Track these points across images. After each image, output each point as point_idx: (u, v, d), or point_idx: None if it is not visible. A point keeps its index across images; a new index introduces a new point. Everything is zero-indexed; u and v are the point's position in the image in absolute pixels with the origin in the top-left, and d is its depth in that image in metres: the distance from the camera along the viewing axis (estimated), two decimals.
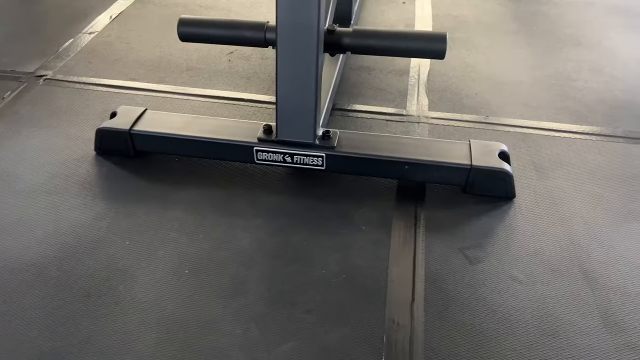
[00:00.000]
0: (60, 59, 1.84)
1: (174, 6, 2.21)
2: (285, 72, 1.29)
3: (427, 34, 1.35)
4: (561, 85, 1.75)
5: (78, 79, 1.74)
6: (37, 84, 1.70)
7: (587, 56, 1.91)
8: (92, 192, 1.31)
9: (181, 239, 1.19)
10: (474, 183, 1.28)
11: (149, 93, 1.68)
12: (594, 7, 2.24)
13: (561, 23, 2.12)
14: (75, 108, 1.60)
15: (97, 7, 2.18)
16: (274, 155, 1.33)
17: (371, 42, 1.33)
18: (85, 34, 1.99)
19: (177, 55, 1.87)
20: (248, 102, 1.65)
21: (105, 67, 1.80)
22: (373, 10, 2.18)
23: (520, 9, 2.23)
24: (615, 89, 1.73)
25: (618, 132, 1.53)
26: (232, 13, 2.17)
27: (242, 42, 1.38)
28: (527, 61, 1.88)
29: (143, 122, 1.40)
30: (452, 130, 1.54)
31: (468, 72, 1.81)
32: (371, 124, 1.57)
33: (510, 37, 2.03)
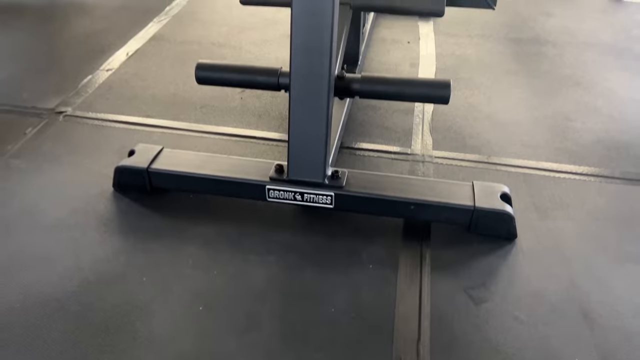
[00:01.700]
0: (79, 95, 1.92)
1: (188, 44, 2.30)
2: (297, 116, 1.36)
3: (432, 81, 1.42)
4: (560, 126, 1.81)
5: (96, 115, 1.81)
6: (57, 120, 1.78)
7: (585, 97, 1.98)
8: (110, 227, 1.37)
9: (196, 275, 1.24)
10: (477, 223, 1.33)
11: (165, 130, 1.75)
12: (592, 48, 2.32)
13: (560, 64, 2.20)
14: (95, 144, 1.67)
15: (114, 44, 2.27)
16: (285, 194, 1.39)
17: (378, 88, 1.40)
18: (103, 70, 2.08)
19: (191, 92, 1.95)
20: (260, 140, 1.72)
21: (122, 103, 1.88)
22: (379, 50, 2.27)
23: (521, 49, 2.31)
24: (613, 129, 1.80)
25: (616, 173, 1.59)
26: (243, 51, 2.26)
27: (256, 86, 1.45)
28: (527, 101, 1.95)
29: (160, 161, 1.46)
30: (456, 170, 1.60)
31: (471, 111, 1.88)
32: (378, 162, 1.64)
33: (511, 77, 2.10)
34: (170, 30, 2.41)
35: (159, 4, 2.67)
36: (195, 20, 2.51)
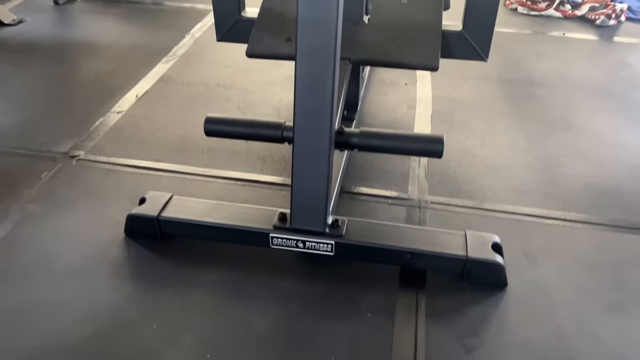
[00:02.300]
0: (91, 138, 2.01)
1: (195, 85, 2.40)
2: (299, 168, 1.44)
3: (427, 136, 1.52)
4: (550, 170, 1.90)
5: (108, 159, 1.90)
6: (70, 164, 1.87)
7: (575, 141, 2.07)
8: (122, 274, 1.45)
9: (204, 323, 1.32)
10: (469, 273, 1.41)
11: (173, 174, 1.84)
12: (582, 90, 2.42)
13: (551, 106, 2.30)
14: (106, 189, 1.76)
15: (123, 85, 2.37)
16: (288, 242, 1.47)
17: (375, 142, 1.49)
18: (114, 112, 2.17)
19: (198, 135, 2.03)
20: (264, 184, 1.80)
21: (132, 147, 1.97)
22: (378, 92, 2.36)
23: (513, 91, 2.41)
24: (601, 175, 1.88)
25: (604, 220, 1.67)
26: (248, 92, 2.35)
27: (261, 139, 1.55)
28: (519, 145, 2.04)
29: (169, 209, 1.54)
30: (450, 216, 1.68)
31: (465, 155, 1.97)
32: (376, 207, 1.72)
33: (504, 120, 2.20)
34: (178, 71, 2.51)
35: (167, 43, 2.78)
36: (201, 60, 2.61)
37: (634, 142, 2.07)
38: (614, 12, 3.03)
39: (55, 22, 3.06)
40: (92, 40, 2.82)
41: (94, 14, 3.17)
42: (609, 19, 3.03)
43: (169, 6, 3.29)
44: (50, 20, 3.05)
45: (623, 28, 3.08)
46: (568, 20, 3.16)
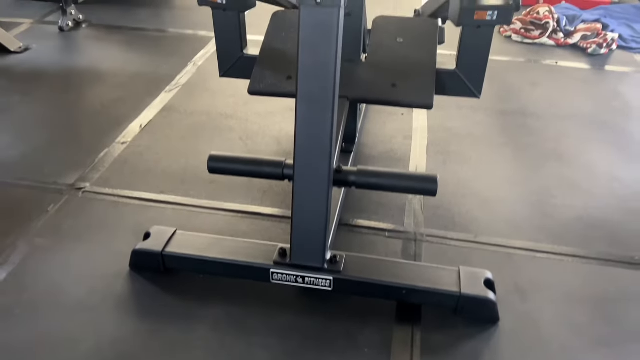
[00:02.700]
0: (96, 169, 2.07)
1: (197, 115, 2.47)
2: (299, 205, 1.50)
3: (421, 176, 1.58)
4: (542, 202, 1.96)
5: (113, 191, 1.96)
6: (77, 196, 1.92)
7: (567, 172, 2.13)
8: (127, 308, 1.50)
9: (207, 359, 1.36)
10: (463, 308, 1.46)
11: (176, 207, 1.89)
12: (574, 120, 2.49)
13: (544, 136, 2.36)
14: (112, 222, 1.81)
15: (128, 115, 2.43)
16: (288, 277, 1.52)
17: (372, 180, 1.55)
18: (119, 143, 2.23)
19: (201, 166, 2.10)
20: (265, 217, 1.86)
21: (137, 179, 2.03)
22: (375, 122, 2.43)
23: (507, 121, 2.48)
24: (591, 207, 1.94)
25: (592, 254, 1.73)
26: (249, 122, 2.42)
27: (262, 176, 1.61)
28: (512, 177, 2.10)
29: (173, 244, 1.60)
30: (445, 249, 1.73)
31: (459, 188, 2.02)
32: (373, 240, 1.77)
33: (498, 150, 2.26)
34: (181, 100, 2.58)
35: (171, 71, 2.85)
36: (203, 89, 2.68)
37: (624, 174, 2.13)
38: (605, 41, 3.11)
39: (60, 49, 3.13)
40: (96, 67, 2.89)
41: (99, 41, 3.25)
42: (601, 48, 3.11)
43: (171, 33, 3.37)
44: (55, 48, 3.13)
45: (614, 56, 3.16)
46: (561, 49, 3.24)
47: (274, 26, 2.02)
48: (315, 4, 1.27)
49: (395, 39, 1.97)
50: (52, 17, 3.51)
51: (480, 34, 1.76)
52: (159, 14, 3.65)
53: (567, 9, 3.63)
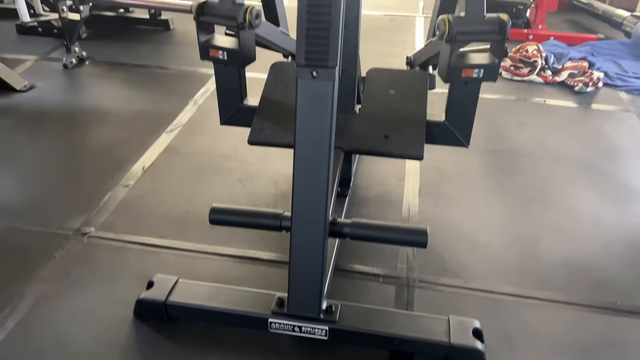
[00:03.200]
0: (101, 213, 2.15)
1: (198, 156, 2.55)
2: (296, 256, 1.58)
3: (412, 229, 1.66)
4: (529, 247, 2.04)
5: (117, 236, 2.03)
6: (82, 242, 2.00)
7: (553, 215, 2.22)
8: (132, 356, 1.56)
9: None
10: (453, 357, 1.53)
11: (178, 252, 1.97)
12: (561, 162, 2.58)
13: (531, 178, 2.45)
14: (116, 268, 1.88)
15: (131, 156, 2.52)
16: (285, 326, 1.59)
17: (365, 233, 1.64)
18: (122, 186, 2.31)
19: (201, 210, 2.18)
20: (262, 262, 1.93)
21: (140, 223, 2.10)
22: (370, 164, 2.52)
23: (496, 162, 2.57)
24: (576, 251, 2.02)
25: (577, 300, 1.80)
26: (248, 163, 2.51)
27: (261, 227, 1.69)
28: (501, 220, 2.19)
29: (175, 293, 1.67)
30: (436, 295, 1.81)
31: (450, 232, 2.11)
32: (367, 285, 1.85)
33: (487, 192, 2.35)
34: (182, 141, 2.67)
35: (172, 109, 2.95)
36: (204, 129, 2.77)
37: (607, 217, 2.22)
38: (591, 80, 3.23)
39: (65, 87, 3.23)
40: (100, 106, 2.99)
41: (102, 78, 3.35)
42: (587, 87, 3.23)
43: (173, 70, 3.47)
44: (60, 86, 3.23)
45: (601, 94, 3.27)
46: (549, 86, 3.35)
47: (272, 77, 2.12)
48: (311, 78, 1.36)
49: (388, 91, 2.07)
50: (55, 54, 3.62)
51: (468, 89, 1.86)
52: (160, 50, 3.76)
53: (555, 46, 3.76)
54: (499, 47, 1.78)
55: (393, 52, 3.79)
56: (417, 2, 5.07)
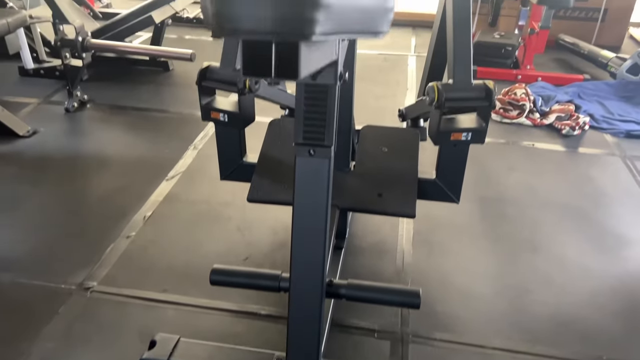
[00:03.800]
0: (103, 266, 2.20)
1: (198, 204, 2.63)
2: (294, 318, 1.64)
3: (406, 290, 1.73)
4: (519, 299, 2.11)
5: (119, 290, 2.09)
6: (85, 297, 2.05)
7: (542, 264, 2.29)
8: None
9: None
10: None
11: (178, 307, 2.02)
12: (549, 208, 2.67)
13: (520, 225, 2.54)
14: (119, 324, 1.94)
15: (132, 205, 2.59)
16: None
17: (361, 294, 1.71)
18: (124, 237, 2.38)
19: (201, 262, 2.24)
20: (261, 317, 1.99)
21: (141, 276, 2.16)
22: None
23: (486, 209, 2.66)
24: (563, 302, 2.10)
25: (564, 354, 1.87)
26: (247, 210, 2.58)
27: (260, 288, 1.75)
28: (491, 270, 2.26)
29: (177, 354, 1.72)
30: (430, 351, 1.87)
31: (442, 283, 2.18)
32: (363, 341, 1.91)
33: (477, 241, 2.43)
34: (182, 188, 2.74)
35: (172, 155, 3.03)
36: (203, 176, 2.85)
37: (594, 266, 2.30)
38: (578, 124, 3.35)
39: (66, 132, 3.31)
40: (101, 152, 3.06)
41: (103, 122, 3.43)
42: (574, 130, 3.34)
43: (172, 112, 3.57)
44: (62, 131, 3.31)
45: (587, 137, 3.39)
46: (537, 129, 3.47)
47: (270, 134, 2.21)
48: (309, 155, 1.45)
49: (381, 149, 2.16)
50: (57, 96, 3.71)
51: (457, 150, 1.96)
52: (159, 92, 3.86)
53: (543, 87, 3.89)
54: (486, 112, 1.88)
55: (387, 94, 3.90)
56: (409, 40, 5.22)
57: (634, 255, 2.36)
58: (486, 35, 4.43)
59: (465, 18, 1.88)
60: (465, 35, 1.90)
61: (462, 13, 1.88)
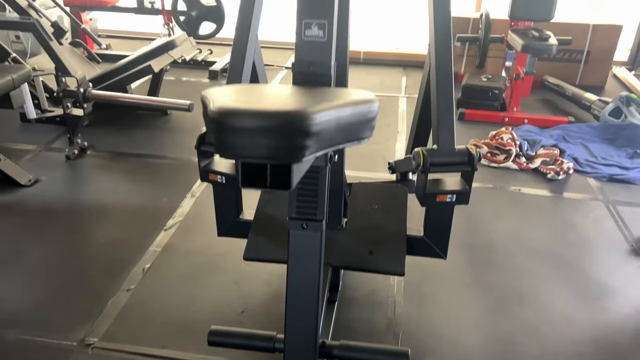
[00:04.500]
0: (104, 322, 2.27)
1: (195, 255, 2.71)
2: None
3: (396, 350, 1.82)
4: (506, 349, 2.19)
5: (120, 347, 2.15)
6: (86, 353, 2.11)
7: (528, 313, 2.38)
8: None
9: None
10: None
11: None
12: (533, 255, 2.77)
13: (506, 274, 2.63)
14: None
15: (132, 257, 2.67)
16: None
17: (353, 354, 1.79)
18: (124, 290, 2.45)
19: (198, 317, 2.31)
20: None
21: (141, 331, 2.23)
22: None
23: (474, 257, 2.75)
24: (549, 353, 2.18)
25: None
26: (243, 263, 2.63)
27: (256, 349, 1.84)
28: (479, 320, 2.35)
29: None
30: None
31: (432, 335, 2.26)
32: None
33: (466, 290, 2.52)
34: (180, 239, 2.83)
35: (170, 203, 3.13)
36: (200, 225, 2.94)
37: (577, 314, 2.39)
38: (562, 169, 3.48)
39: (67, 180, 3.40)
40: (101, 201, 3.15)
41: (103, 169, 3.53)
42: (558, 175, 3.47)
43: (170, 158, 3.67)
44: (62, 179, 3.40)
45: (572, 181, 3.51)
46: (524, 173, 3.59)
47: (266, 193, 2.31)
48: (302, 229, 1.55)
49: (371, 205, 2.27)
50: (58, 143, 3.81)
51: (443, 210, 2.07)
52: (158, 138, 3.97)
53: (529, 131, 4.04)
54: (469, 176, 2.00)
55: (378, 139, 4.03)
56: (400, 79, 5.38)
57: (614, 305, 2.46)
58: (474, 78, 4.59)
59: (448, 87, 2.01)
60: (448, 102, 2.03)
61: (445, 82, 2.00)
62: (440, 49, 1.98)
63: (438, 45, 1.98)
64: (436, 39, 1.97)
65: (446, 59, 1.98)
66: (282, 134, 0.86)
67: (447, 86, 2.03)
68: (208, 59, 5.56)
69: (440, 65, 1.96)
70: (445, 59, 1.98)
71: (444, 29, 1.96)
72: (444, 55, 1.99)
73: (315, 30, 1.34)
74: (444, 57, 1.98)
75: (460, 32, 5.19)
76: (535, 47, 3.93)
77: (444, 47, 1.98)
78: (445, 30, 1.97)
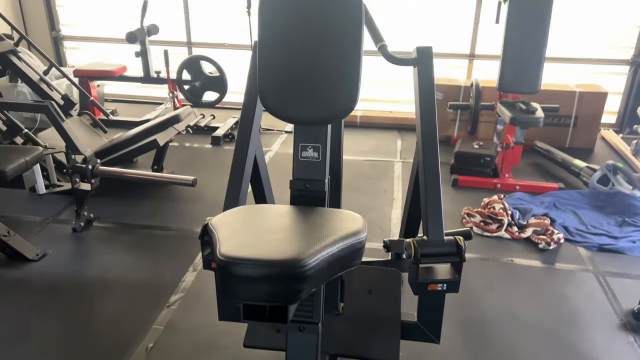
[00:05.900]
0: None
1: (197, 333, 2.78)
2: None
3: None
4: None
5: None
6: None
7: None
8: None
9: None
10: None
11: None
12: (526, 330, 2.84)
13: (500, 351, 2.69)
14: None
15: (136, 335, 2.74)
16: None
17: None
18: None
19: None
20: None
21: None
22: None
23: (467, 333, 2.82)
24: None
25: None
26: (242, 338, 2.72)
27: None
28: None
29: None
30: None
31: None
32: None
33: None
34: (182, 316, 2.91)
35: (173, 277, 3.22)
36: (202, 301, 3.02)
37: None
38: (552, 240, 3.59)
39: (73, 254, 3.51)
40: (106, 276, 3.24)
41: (108, 242, 3.64)
42: (549, 245, 3.57)
43: (174, 229, 3.79)
44: (69, 253, 3.50)
45: (563, 251, 3.61)
46: (516, 242, 3.70)
47: None
48: (299, 331, 1.65)
49: (367, 290, 2.36)
50: (65, 214, 3.94)
51: (435, 297, 2.16)
52: (161, 208, 4.10)
53: (520, 199, 4.17)
54: (459, 266, 2.10)
55: (374, 205, 4.16)
56: (395, 143, 5.57)
57: None
58: (466, 144, 4.78)
59: (435, 182, 2.15)
60: (435, 195, 2.16)
61: (433, 178, 2.14)
62: (427, 148, 2.14)
63: (425, 144, 2.14)
64: (423, 139, 2.13)
65: (433, 156, 2.13)
66: (279, 282, 0.97)
67: (434, 182, 2.16)
68: (211, 124, 5.78)
69: (428, 164, 2.11)
70: (431, 156, 2.13)
71: (430, 131, 2.13)
72: (431, 152, 2.14)
73: (311, 152, 1.49)
74: (431, 154, 2.13)
75: (452, 99, 5.43)
76: (523, 120, 4.13)
77: (430, 146, 2.13)
78: (431, 131, 2.13)
